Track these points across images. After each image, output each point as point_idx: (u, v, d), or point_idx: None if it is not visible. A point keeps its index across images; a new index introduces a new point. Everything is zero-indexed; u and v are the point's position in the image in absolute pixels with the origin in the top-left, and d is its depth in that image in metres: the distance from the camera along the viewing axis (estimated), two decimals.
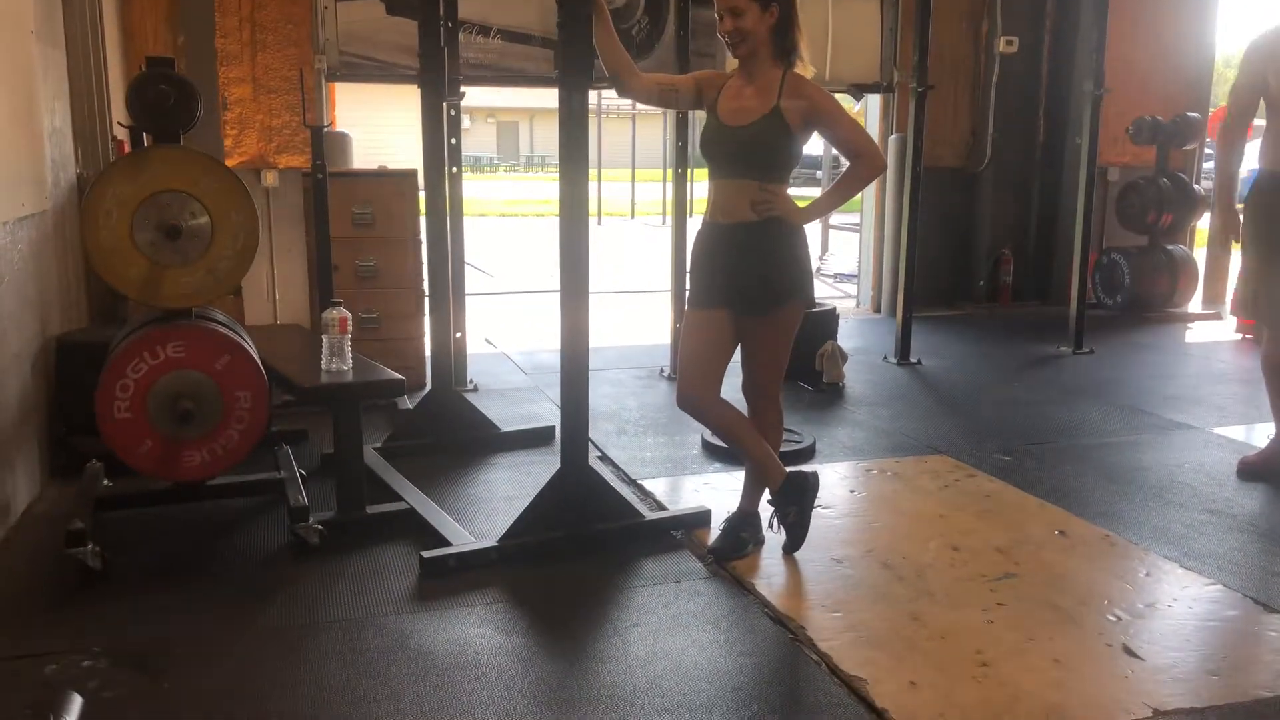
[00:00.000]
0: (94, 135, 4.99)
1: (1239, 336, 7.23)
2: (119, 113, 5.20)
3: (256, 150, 6.34)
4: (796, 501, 3.33)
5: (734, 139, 3.16)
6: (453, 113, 5.09)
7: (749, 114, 3.14)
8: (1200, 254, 8.49)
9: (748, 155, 3.15)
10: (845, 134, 3.22)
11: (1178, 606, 3.05)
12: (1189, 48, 8.51)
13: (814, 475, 3.40)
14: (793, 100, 3.11)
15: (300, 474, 3.81)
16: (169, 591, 3.13)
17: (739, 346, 3.32)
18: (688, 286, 3.42)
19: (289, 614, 2.98)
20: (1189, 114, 7.97)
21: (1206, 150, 9.33)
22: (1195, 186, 8.17)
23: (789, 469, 3.37)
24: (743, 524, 3.43)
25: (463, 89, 5.19)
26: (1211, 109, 9.03)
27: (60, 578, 3.14)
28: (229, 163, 6.00)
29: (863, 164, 3.20)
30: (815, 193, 15.36)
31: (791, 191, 3.25)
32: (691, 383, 3.26)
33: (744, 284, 3.19)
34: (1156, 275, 8.03)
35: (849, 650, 2.76)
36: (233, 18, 6.20)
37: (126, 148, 5.09)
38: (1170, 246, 8.10)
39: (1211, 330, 7.65)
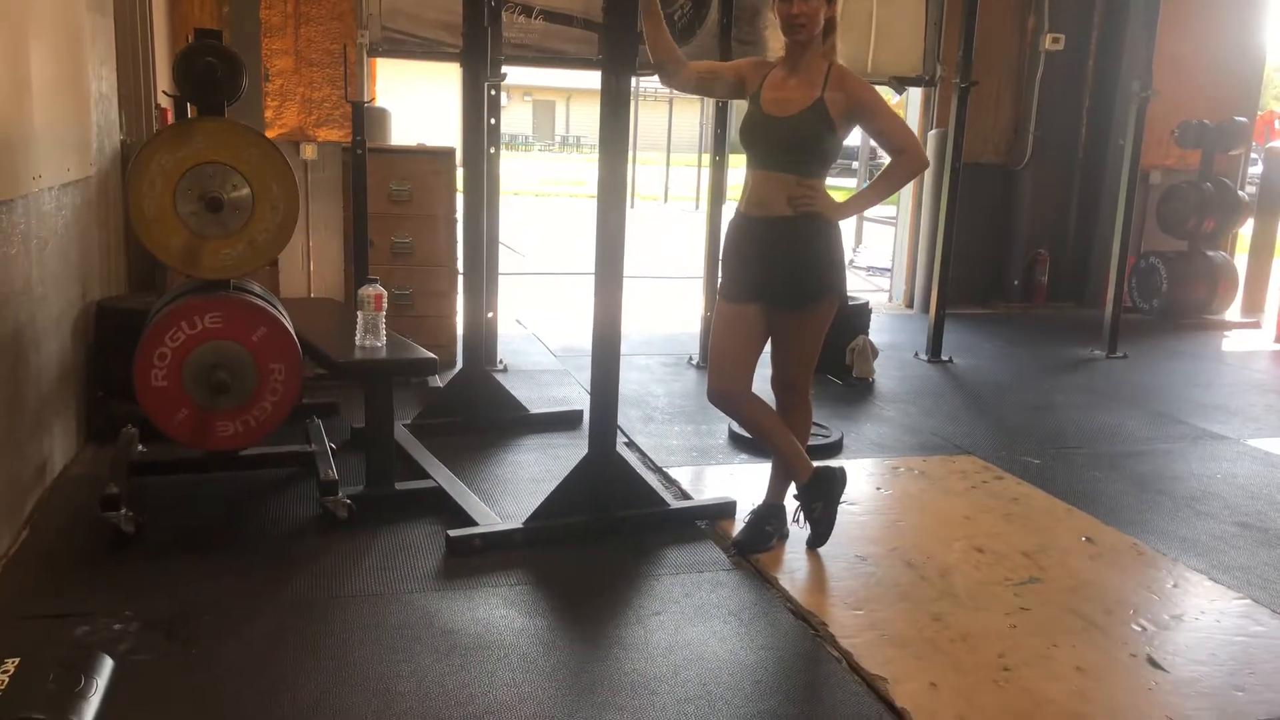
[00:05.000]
0: (138, 102, 5.03)
1: (1278, 347, 7.13)
2: (164, 81, 5.24)
3: (296, 123, 6.37)
4: (823, 496, 3.33)
5: (776, 130, 3.13)
6: (493, 93, 5.09)
7: (793, 105, 3.10)
8: (1241, 261, 8.37)
9: (789, 147, 3.12)
10: (888, 129, 3.18)
11: (1205, 619, 3.02)
12: (1238, 51, 8.38)
13: (841, 471, 3.39)
14: (837, 93, 3.08)
15: (330, 447, 3.85)
16: (199, 559, 3.18)
17: (769, 340, 3.31)
18: (719, 277, 3.41)
19: (316, 586, 3.02)
20: (1236, 118, 7.84)
21: (1253, 155, 9.19)
22: (1240, 192, 8.05)
23: (816, 464, 3.37)
24: (768, 517, 3.43)
25: (504, 69, 5.19)
26: (1259, 113, 8.88)
27: (94, 540, 3.19)
28: (269, 134, 6.04)
29: (904, 161, 3.17)
30: (851, 184, 15.23)
31: (827, 183, 3.23)
32: (723, 377, 3.26)
33: (778, 279, 3.17)
34: (1195, 281, 7.92)
35: (870, 649, 2.76)
36: None
37: (170, 116, 5.13)
38: (1210, 253, 7.99)
39: (1249, 339, 7.55)
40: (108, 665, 2.45)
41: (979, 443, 4.67)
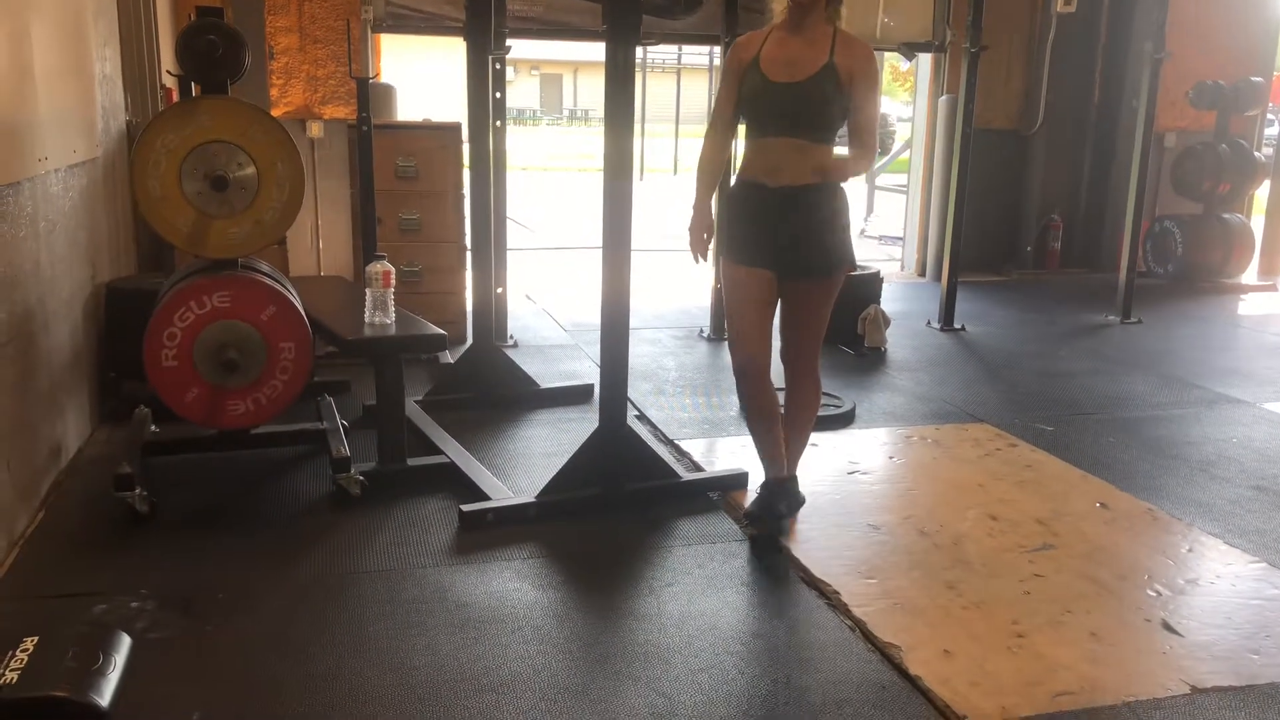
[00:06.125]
0: (143, 83, 5.02)
1: None
2: (168, 60, 5.23)
3: (302, 101, 6.35)
4: (787, 502, 3.32)
5: (785, 95, 3.02)
6: (498, 66, 5.06)
7: (801, 69, 3.01)
8: (1258, 223, 8.28)
9: (800, 112, 3.02)
10: (870, 114, 3.05)
11: (1220, 583, 3.01)
12: (1253, 10, 8.25)
13: (795, 497, 3.37)
14: (844, 57, 3.00)
15: (342, 425, 3.86)
16: (214, 537, 3.19)
17: (779, 309, 3.26)
18: (724, 242, 3.27)
19: (330, 563, 3.03)
20: (1252, 78, 7.74)
21: (1269, 116, 9.07)
22: (1256, 154, 7.95)
23: (776, 479, 3.32)
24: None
25: (508, 42, 5.16)
26: (1276, 73, 8.76)
27: (109, 520, 3.21)
28: (275, 113, 6.02)
29: (865, 155, 3.12)
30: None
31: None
32: (750, 341, 3.18)
33: (794, 250, 3.11)
34: (1210, 245, 7.85)
35: (883, 617, 2.75)
36: None
37: (175, 96, 5.12)
38: (1226, 215, 7.91)
39: (1265, 302, 7.48)
40: (125, 642, 2.47)
41: (992, 410, 4.65)
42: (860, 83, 3.02)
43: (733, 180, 3.28)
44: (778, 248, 3.12)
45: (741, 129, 3.27)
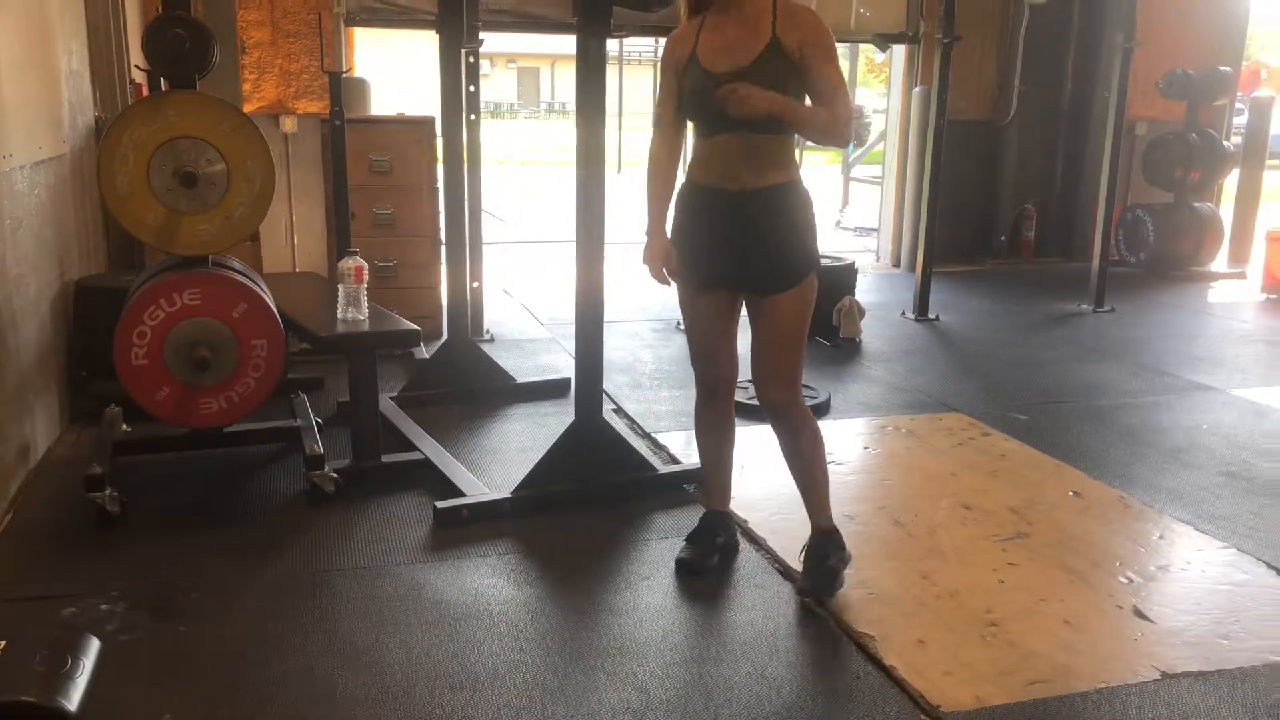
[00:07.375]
0: (112, 78, 4.96)
1: (1264, 297, 7.14)
2: (138, 55, 5.16)
3: (275, 95, 6.29)
4: (701, 542, 3.05)
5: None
6: (471, 60, 5.03)
7: (742, 53, 2.64)
8: (1227, 211, 8.35)
9: None
10: (834, 80, 2.65)
11: (1190, 570, 3.04)
12: (1222, 1, 8.31)
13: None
14: (790, 29, 2.63)
15: (316, 422, 3.83)
16: (186, 536, 3.16)
17: (751, 332, 2.91)
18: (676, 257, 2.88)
19: (304, 561, 3.02)
20: (1221, 68, 7.80)
21: (1237, 105, 9.15)
22: (1225, 143, 8.02)
23: (717, 511, 3.11)
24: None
25: (481, 36, 5.13)
26: (1244, 63, 8.84)
27: (79, 521, 3.18)
28: (248, 108, 5.97)
29: (831, 116, 2.65)
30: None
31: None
32: (715, 360, 2.97)
33: (759, 261, 2.76)
34: (1182, 233, 7.92)
35: (858, 607, 2.77)
36: None
37: (145, 91, 5.06)
38: (1197, 204, 7.98)
39: (1235, 290, 7.55)
40: (95, 646, 2.43)
41: (966, 400, 4.68)
42: (813, 52, 2.62)
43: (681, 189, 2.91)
44: (742, 261, 2.77)
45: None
